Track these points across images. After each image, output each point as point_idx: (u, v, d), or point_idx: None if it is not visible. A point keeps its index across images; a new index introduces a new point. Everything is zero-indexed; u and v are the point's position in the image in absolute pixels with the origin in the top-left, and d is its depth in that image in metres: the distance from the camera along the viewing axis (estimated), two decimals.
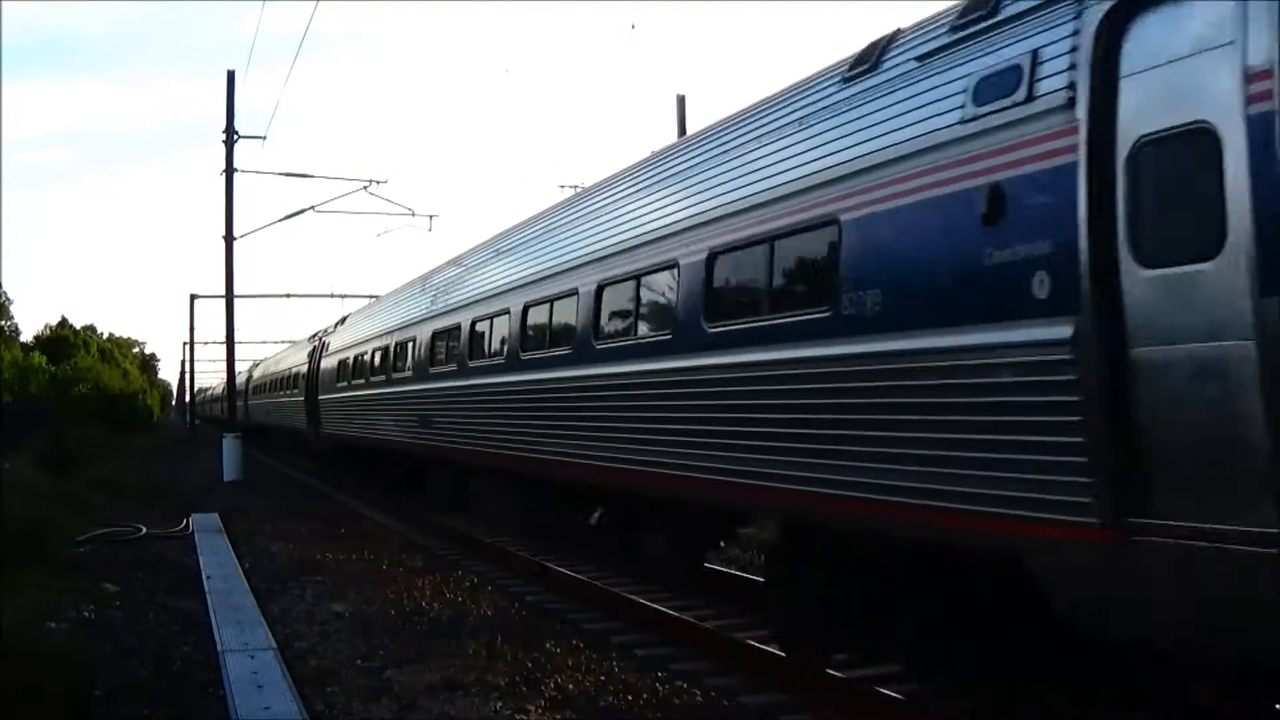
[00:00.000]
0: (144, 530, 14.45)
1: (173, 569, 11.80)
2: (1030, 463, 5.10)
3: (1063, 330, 4.95)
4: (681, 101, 25.23)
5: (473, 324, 14.04)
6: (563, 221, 12.09)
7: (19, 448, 29.41)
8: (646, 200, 9.66)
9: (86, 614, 8.74)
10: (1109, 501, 4.72)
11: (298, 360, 32.70)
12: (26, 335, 71.79)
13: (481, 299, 13.88)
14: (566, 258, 11.15)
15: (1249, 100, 4.30)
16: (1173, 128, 4.61)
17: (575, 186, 22.69)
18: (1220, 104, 4.41)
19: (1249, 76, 4.31)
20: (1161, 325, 4.63)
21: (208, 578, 11.11)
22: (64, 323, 77.93)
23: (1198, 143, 4.50)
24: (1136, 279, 4.73)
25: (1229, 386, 4.33)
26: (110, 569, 11.18)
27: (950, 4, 6.48)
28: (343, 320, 27.90)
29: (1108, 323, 4.80)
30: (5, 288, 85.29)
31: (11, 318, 72.79)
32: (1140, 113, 4.78)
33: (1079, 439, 4.86)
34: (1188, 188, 4.60)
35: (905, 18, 7.02)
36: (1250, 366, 4.24)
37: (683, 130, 24.27)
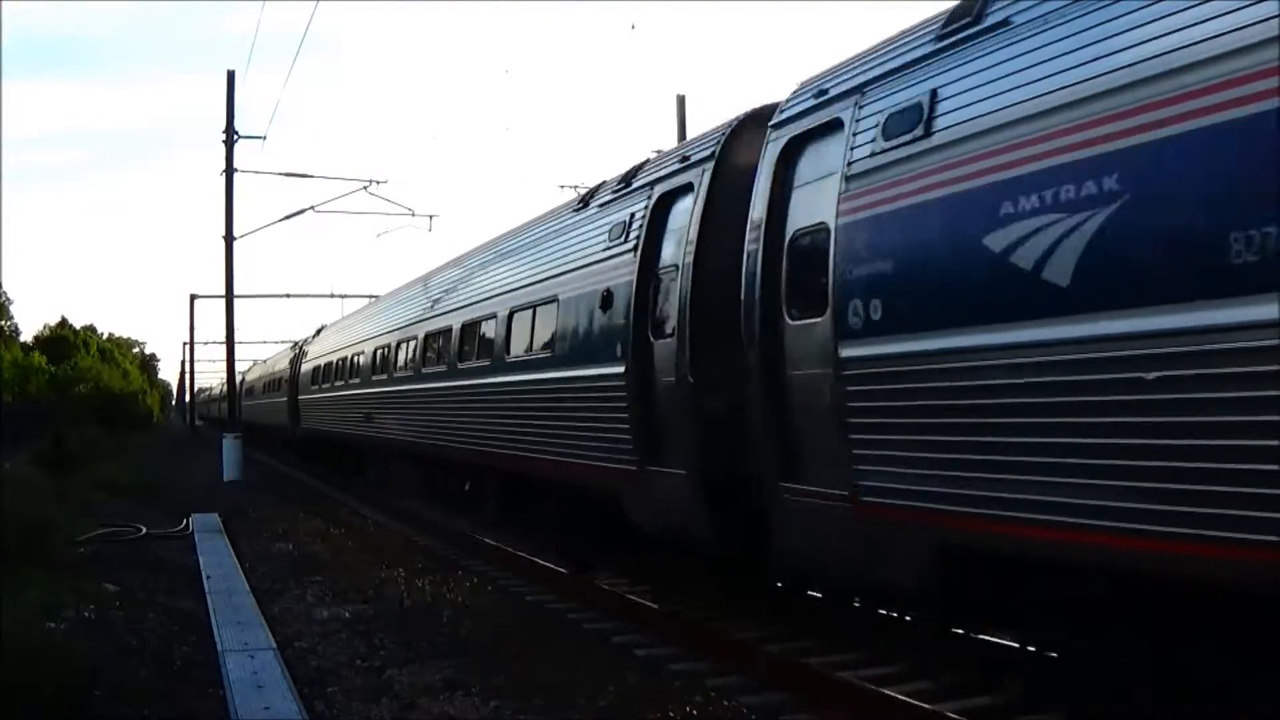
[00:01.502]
0: (144, 530, 14.44)
1: (173, 569, 11.80)
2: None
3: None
4: (681, 101, 25.26)
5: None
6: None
7: (19, 448, 29.43)
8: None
9: (86, 614, 8.72)
10: None
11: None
12: (26, 335, 71.82)
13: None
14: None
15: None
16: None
17: (575, 186, 22.74)
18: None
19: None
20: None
21: (208, 578, 11.11)
22: (64, 323, 77.99)
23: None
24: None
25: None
26: (110, 569, 11.17)
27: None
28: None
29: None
30: (5, 288, 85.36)
31: (11, 318, 72.83)
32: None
33: None
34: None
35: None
36: None
37: (682, 130, 24.28)
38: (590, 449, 9.91)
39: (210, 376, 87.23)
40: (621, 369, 9.16)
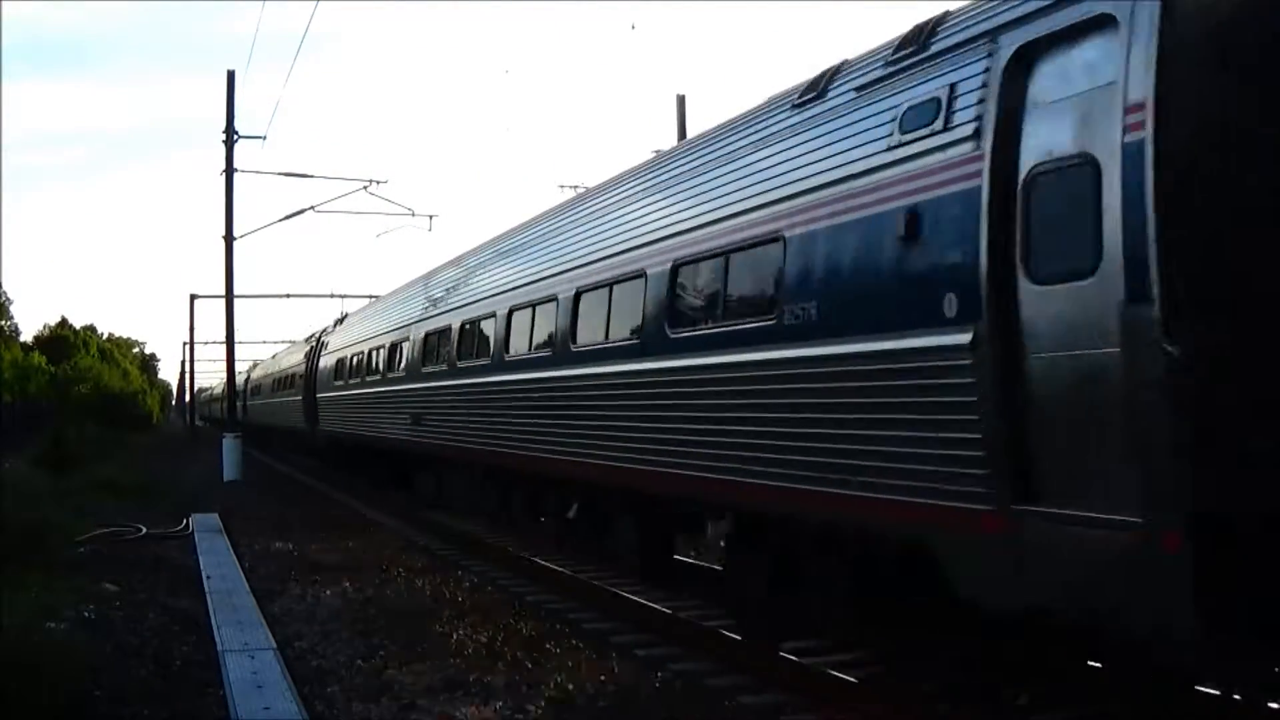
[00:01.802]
0: (144, 530, 14.45)
1: (173, 569, 11.80)
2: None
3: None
4: (681, 101, 25.23)
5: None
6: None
7: (19, 448, 29.44)
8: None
9: (86, 614, 8.73)
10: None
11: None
12: (26, 335, 71.79)
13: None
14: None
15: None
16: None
17: (576, 186, 22.70)
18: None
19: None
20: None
21: (208, 578, 11.10)
22: (64, 323, 77.95)
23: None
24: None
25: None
26: (110, 569, 11.17)
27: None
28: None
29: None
30: (5, 288, 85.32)
31: (11, 318, 72.79)
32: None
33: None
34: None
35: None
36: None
37: (683, 130, 24.26)
38: (883, 475, 6.13)
39: (211, 376, 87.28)
40: (964, 337, 5.56)
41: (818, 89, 7.52)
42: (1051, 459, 5.13)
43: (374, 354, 20.46)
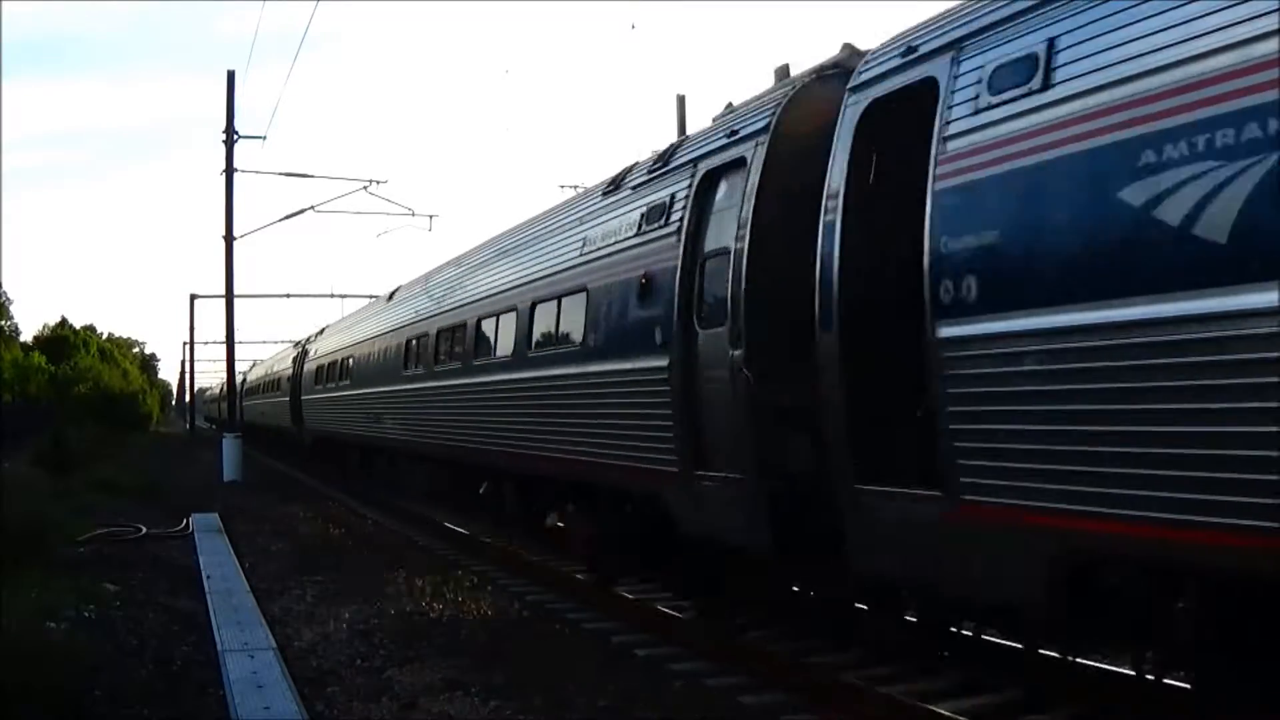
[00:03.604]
0: (144, 530, 14.45)
1: (173, 569, 11.80)
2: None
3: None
4: (681, 101, 25.29)
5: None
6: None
7: (19, 448, 29.43)
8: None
9: (86, 614, 8.73)
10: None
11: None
12: (26, 335, 71.70)
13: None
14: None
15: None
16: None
17: (576, 186, 22.74)
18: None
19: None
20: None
21: (208, 578, 11.11)
22: (64, 323, 77.79)
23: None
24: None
25: None
26: (110, 569, 11.17)
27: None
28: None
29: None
30: (5, 288, 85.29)
31: (11, 318, 72.65)
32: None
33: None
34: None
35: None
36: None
37: (682, 130, 24.26)
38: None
39: (211, 377, 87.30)
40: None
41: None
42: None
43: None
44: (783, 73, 8.47)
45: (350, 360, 22.88)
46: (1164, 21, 4.65)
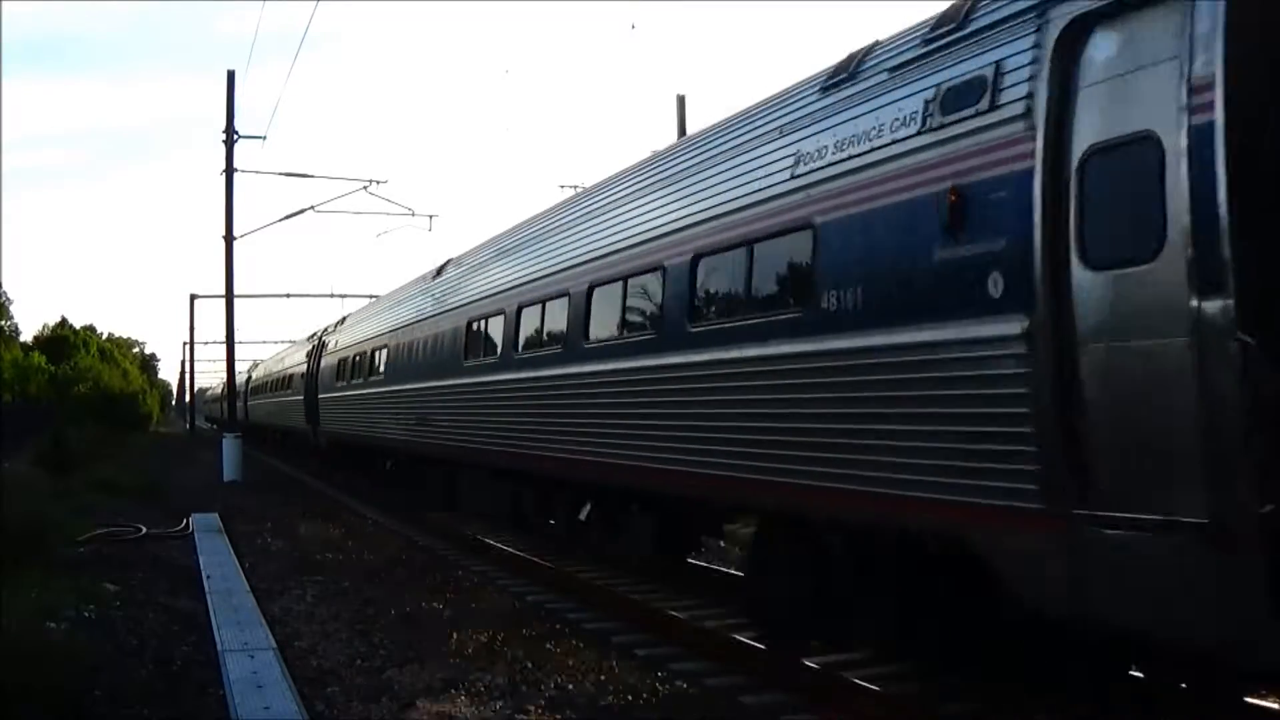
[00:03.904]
0: (144, 530, 14.43)
1: (173, 569, 11.79)
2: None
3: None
4: (681, 101, 25.25)
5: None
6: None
7: (19, 448, 29.42)
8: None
9: (86, 614, 8.72)
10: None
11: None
12: (26, 335, 71.70)
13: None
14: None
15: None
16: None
17: (575, 186, 22.73)
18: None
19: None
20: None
21: (208, 578, 11.10)
22: (64, 323, 77.79)
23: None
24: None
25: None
26: (110, 569, 11.16)
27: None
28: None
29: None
30: (5, 288, 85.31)
31: (11, 318, 72.68)
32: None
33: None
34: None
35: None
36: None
37: (682, 130, 24.27)
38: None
39: (211, 377, 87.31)
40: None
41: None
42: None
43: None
44: None
45: (384, 351, 19.72)
46: None
